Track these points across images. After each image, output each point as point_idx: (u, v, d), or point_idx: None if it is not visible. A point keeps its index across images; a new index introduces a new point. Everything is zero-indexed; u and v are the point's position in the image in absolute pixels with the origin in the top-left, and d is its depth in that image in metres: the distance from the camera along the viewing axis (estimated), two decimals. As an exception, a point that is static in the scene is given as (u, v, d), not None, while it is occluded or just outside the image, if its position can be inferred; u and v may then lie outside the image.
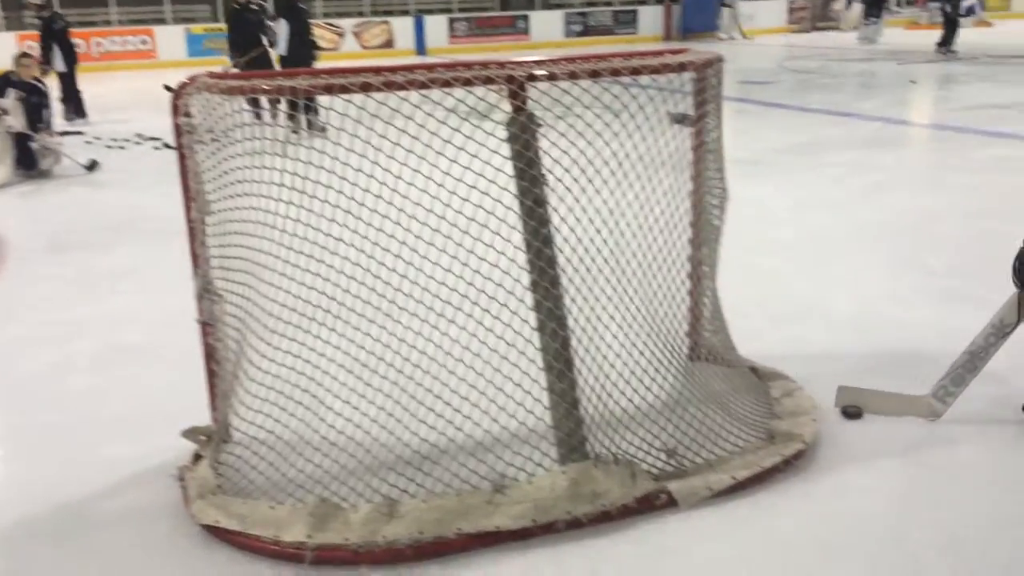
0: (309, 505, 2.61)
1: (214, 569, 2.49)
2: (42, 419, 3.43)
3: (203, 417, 3.13)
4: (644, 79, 2.80)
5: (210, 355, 3.06)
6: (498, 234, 2.78)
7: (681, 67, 2.87)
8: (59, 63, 11.49)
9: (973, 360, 3.02)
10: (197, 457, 2.98)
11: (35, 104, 8.44)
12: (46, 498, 2.85)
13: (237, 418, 3.05)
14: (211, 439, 3.03)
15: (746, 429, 2.96)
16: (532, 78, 2.74)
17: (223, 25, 14.65)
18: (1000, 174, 7.17)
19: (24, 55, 8.90)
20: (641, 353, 2.93)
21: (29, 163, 8.23)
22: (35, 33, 11.94)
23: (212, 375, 3.08)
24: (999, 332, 2.98)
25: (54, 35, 11.64)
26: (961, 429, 3.04)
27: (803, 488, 2.74)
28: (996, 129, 9.00)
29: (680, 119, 3.05)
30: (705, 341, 3.42)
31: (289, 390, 2.93)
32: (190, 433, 3.06)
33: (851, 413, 3.15)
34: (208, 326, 3.04)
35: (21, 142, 8.18)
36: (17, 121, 8.16)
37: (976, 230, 5.53)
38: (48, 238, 6.38)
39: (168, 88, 3.18)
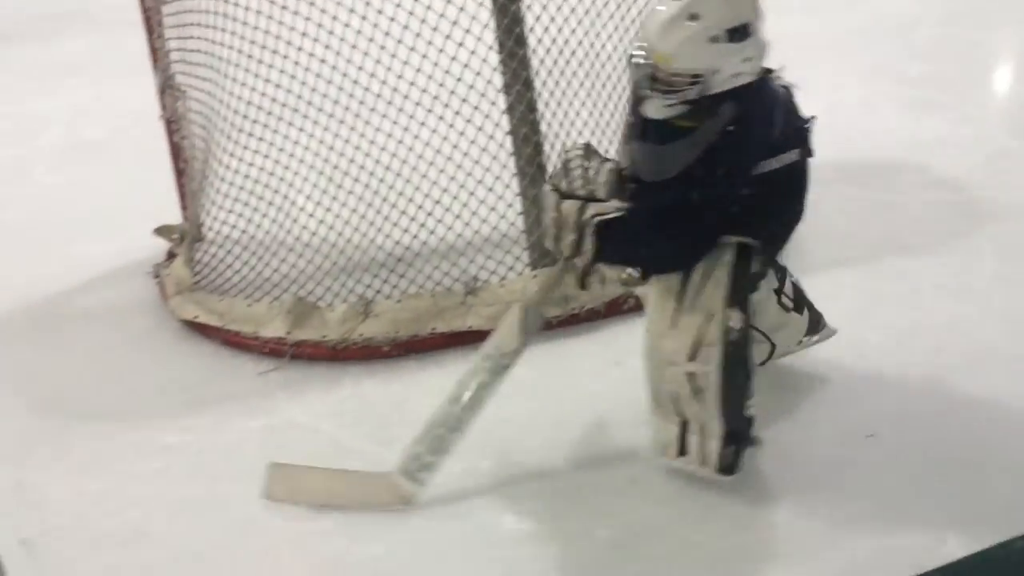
0: (286, 303, 2.67)
1: (199, 361, 2.58)
2: (8, 216, 3.40)
3: (173, 216, 3.12)
4: None
5: (176, 153, 3.01)
6: (468, 31, 2.69)
7: None
8: None
9: (458, 411, 2.03)
10: (171, 255, 3.00)
11: None
12: (20, 296, 2.88)
13: (208, 217, 3.05)
14: (184, 237, 3.03)
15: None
16: None
17: None
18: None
19: None
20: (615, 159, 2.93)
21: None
22: None
23: (180, 174, 3.04)
24: (496, 367, 2.04)
25: None
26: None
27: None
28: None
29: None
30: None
31: (260, 190, 2.91)
32: (163, 231, 3.06)
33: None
34: (172, 123, 2.97)
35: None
36: None
37: (954, 38, 5.43)
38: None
39: None
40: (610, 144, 2.91)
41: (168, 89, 2.92)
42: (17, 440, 2.33)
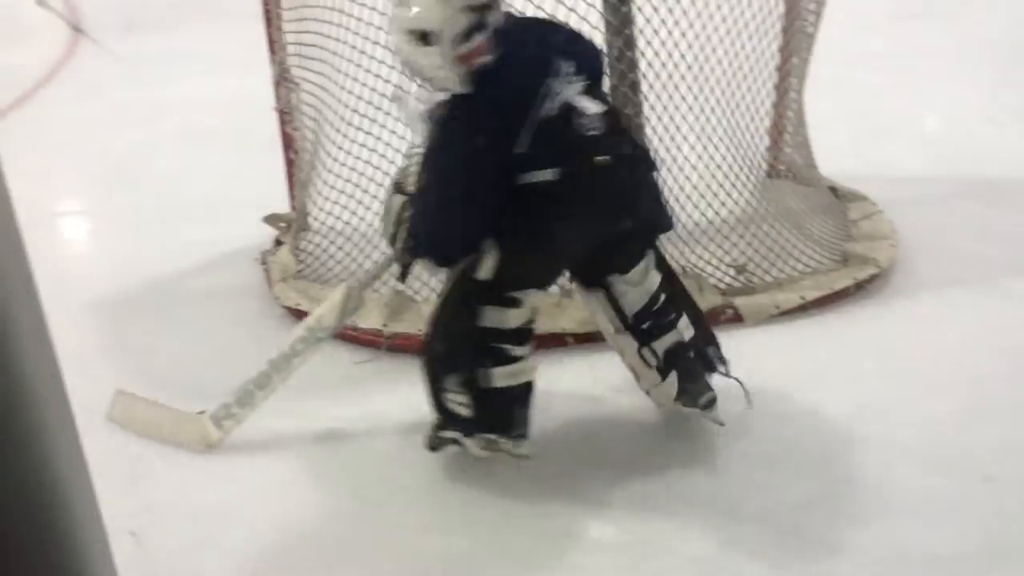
0: (384, 296, 2.71)
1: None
2: (132, 199, 3.56)
3: (282, 204, 3.21)
4: None
5: (288, 144, 3.09)
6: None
7: None
8: None
9: (270, 372, 2.24)
10: (278, 243, 3.09)
11: None
12: (141, 273, 3.02)
13: (315, 207, 3.12)
14: (290, 226, 3.12)
15: (820, 250, 2.94)
16: None
17: None
18: None
19: None
20: (718, 166, 2.88)
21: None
22: None
23: (290, 164, 3.12)
24: (311, 338, 2.23)
25: None
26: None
27: (873, 312, 2.74)
28: None
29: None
30: (785, 157, 3.33)
31: (365, 182, 2.97)
32: (271, 219, 3.15)
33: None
34: (285, 114, 3.05)
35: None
36: None
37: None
38: (122, 14, 6.33)
39: None
40: (715, 151, 2.85)
41: (283, 81, 3.00)
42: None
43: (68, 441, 0.71)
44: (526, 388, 2.11)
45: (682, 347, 2.15)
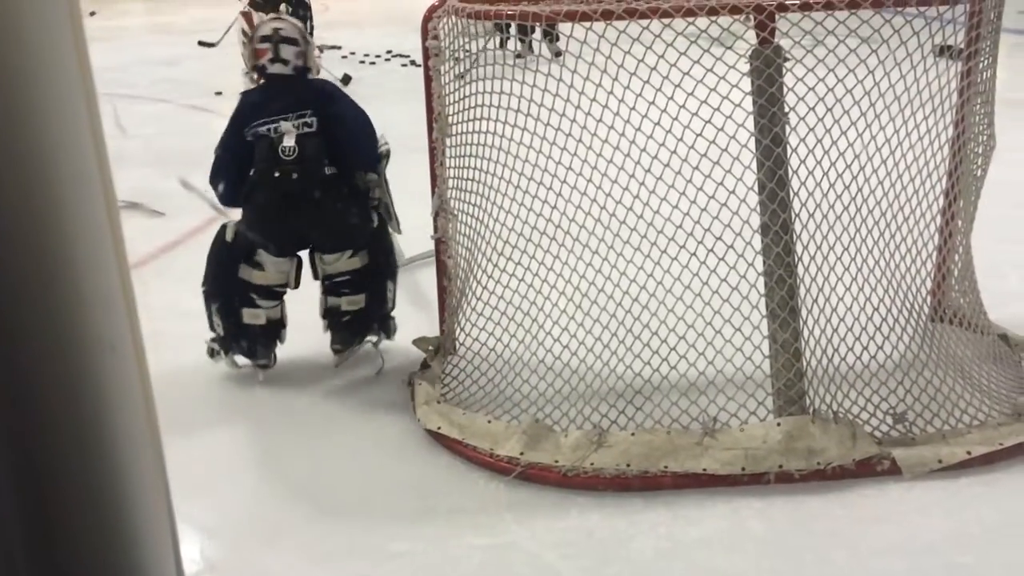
0: (524, 424, 2.72)
1: (436, 471, 2.67)
2: (294, 311, 3.76)
3: (433, 328, 3.32)
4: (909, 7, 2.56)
5: (442, 270, 3.22)
6: (730, 172, 2.69)
7: (955, -2, 2.59)
8: None
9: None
10: (425, 365, 3.18)
11: (300, 18, 9.04)
12: (296, 386, 3.16)
13: (462, 332, 3.22)
14: (438, 350, 3.21)
15: (989, 402, 2.73)
16: (783, 8, 2.59)
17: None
18: None
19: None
20: (875, 308, 2.76)
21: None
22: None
23: (442, 289, 3.25)
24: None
25: None
26: None
27: (1048, 474, 2.50)
28: None
29: (946, 52, 2.76)
30: (951, 302, 3.16)
31: (511, 311, 3.04)
32: (420, 342, 3.26)
33: None
34: (442, 243, 3.20)
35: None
36: (285, 35, 8.79)
37: None
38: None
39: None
40: (872, 292, 2.75)
41: (442, 211, 3.16)
42: (260, 526, 2.49)
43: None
44: (269, 327, 3.13)
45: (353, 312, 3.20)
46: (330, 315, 3.21)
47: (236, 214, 3.10)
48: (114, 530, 0.67)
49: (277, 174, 2.89)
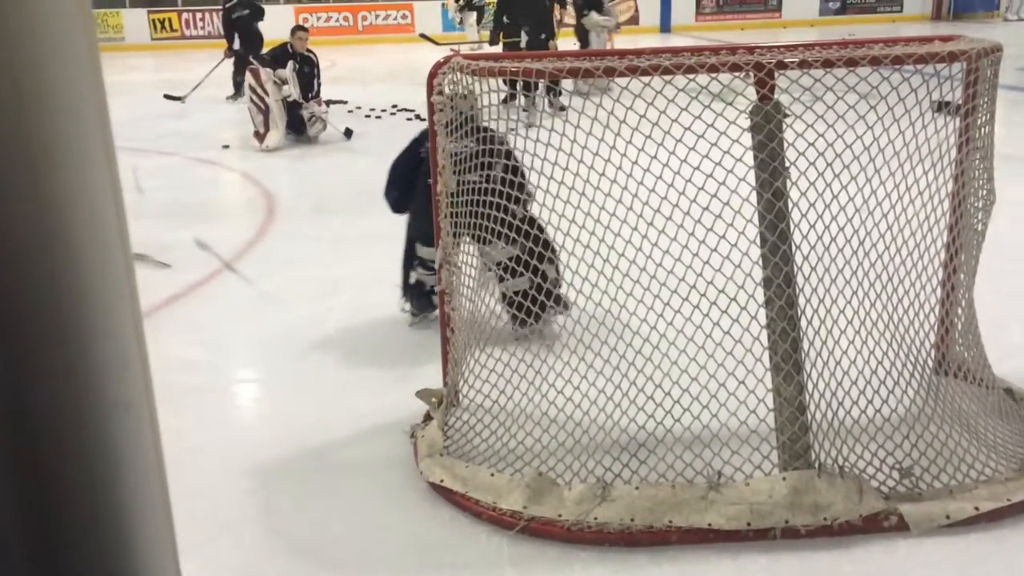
0: (527, 477, 2.70)
1: (439, 524, 2.65)
2: (299, 367, 3.79)
3: (436, 380, 3.32)
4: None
5: (445, 322, 3.23)
6: (731, 225, 2.72)
7: (952, 57, 2.63)
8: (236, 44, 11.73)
9: None
10: (428, 417, 3.17)
11: (307, 74, 9.19)
12: (298, 441, 3.15)
13: (466, 384, 3.21)
14: (441, 402, 3.21)
15: (995, 456, 2.71)
16: (782, 66, 2.63)
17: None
18: None
19: (300, 28, 9.68)
20: (879, 362, 2.76)
21: (299, 128, 9.00)
22: (312, 6, 12.33)
23: (446, 341, 3.25)
24: None
25: (233, 23, 11.86)
26: None
27: (1057, 530, 2.47)
28: None
29: (944, 108, 2.80)
30: (955, 355, 3.16)
31: (515, 363, 3.04)
32: (423, 394, 3.25)
33: None
34: (446, 295, 3.21)
35: (292, 109, 8.95)
36: (294, 91, 8.92)
37: None
38: (312, 201, 6.97)
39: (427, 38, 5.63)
40: (875, 345, 2.75)
41: (445, 264, 3.18)
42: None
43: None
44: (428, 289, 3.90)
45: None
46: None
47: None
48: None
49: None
